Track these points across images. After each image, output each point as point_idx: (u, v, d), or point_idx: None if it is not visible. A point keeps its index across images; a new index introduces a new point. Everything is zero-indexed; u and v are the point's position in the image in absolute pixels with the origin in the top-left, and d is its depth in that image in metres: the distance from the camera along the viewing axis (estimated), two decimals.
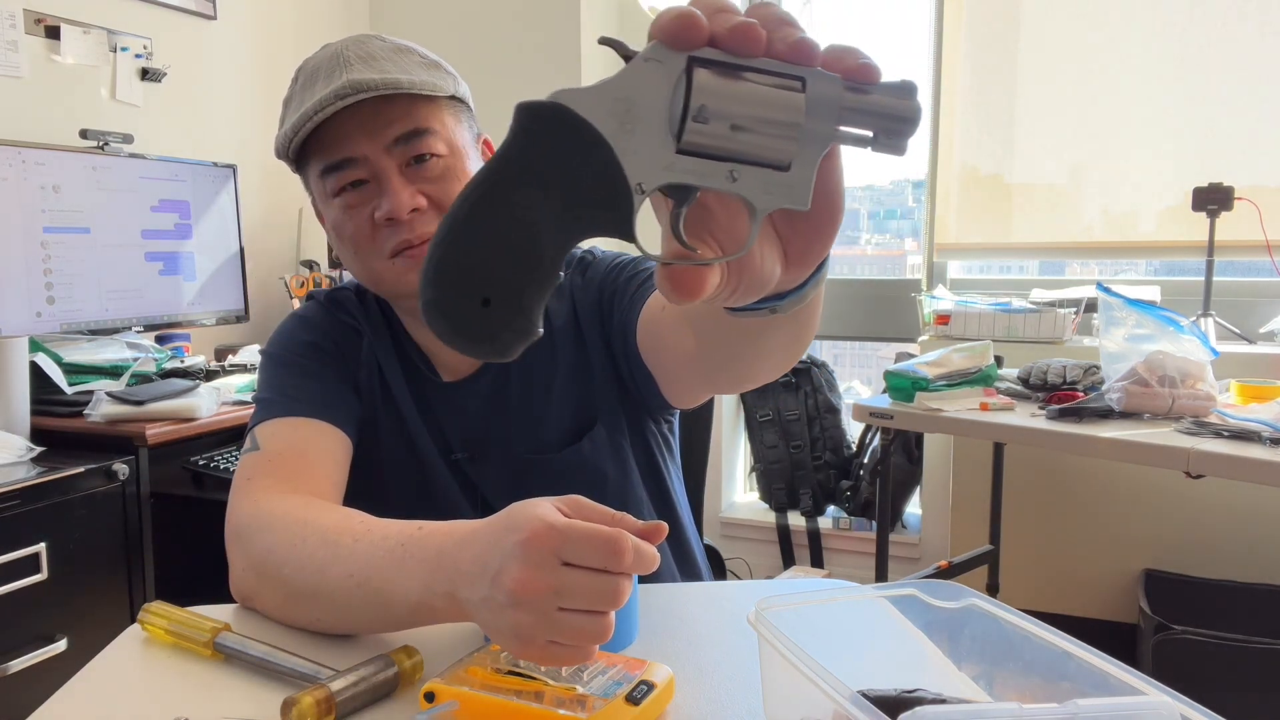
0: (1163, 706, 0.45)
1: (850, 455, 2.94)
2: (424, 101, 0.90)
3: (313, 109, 0.86)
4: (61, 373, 1.81)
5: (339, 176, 0.90)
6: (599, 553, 0.56)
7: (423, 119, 0.89)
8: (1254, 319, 2.49)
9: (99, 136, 2.13)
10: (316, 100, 0.86)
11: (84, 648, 1.53)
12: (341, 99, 0.85)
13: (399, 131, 0.88)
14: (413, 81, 0.87)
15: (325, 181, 0.91)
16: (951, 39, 2.76)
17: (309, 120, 0.86)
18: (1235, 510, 2.37)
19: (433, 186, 0.90)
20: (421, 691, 0.60)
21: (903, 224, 3.28)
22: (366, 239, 0.90)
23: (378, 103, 0.87)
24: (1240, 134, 2.48)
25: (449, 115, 0.93)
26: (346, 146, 0.88)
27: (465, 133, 0.95)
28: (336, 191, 0.90)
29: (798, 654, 0.51)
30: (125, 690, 0.67)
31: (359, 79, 0.85)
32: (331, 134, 0.88)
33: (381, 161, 0.88)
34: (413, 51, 0.93)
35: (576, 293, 1.01)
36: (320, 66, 0.90)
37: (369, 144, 0.88)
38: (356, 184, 0.90)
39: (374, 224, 0.89)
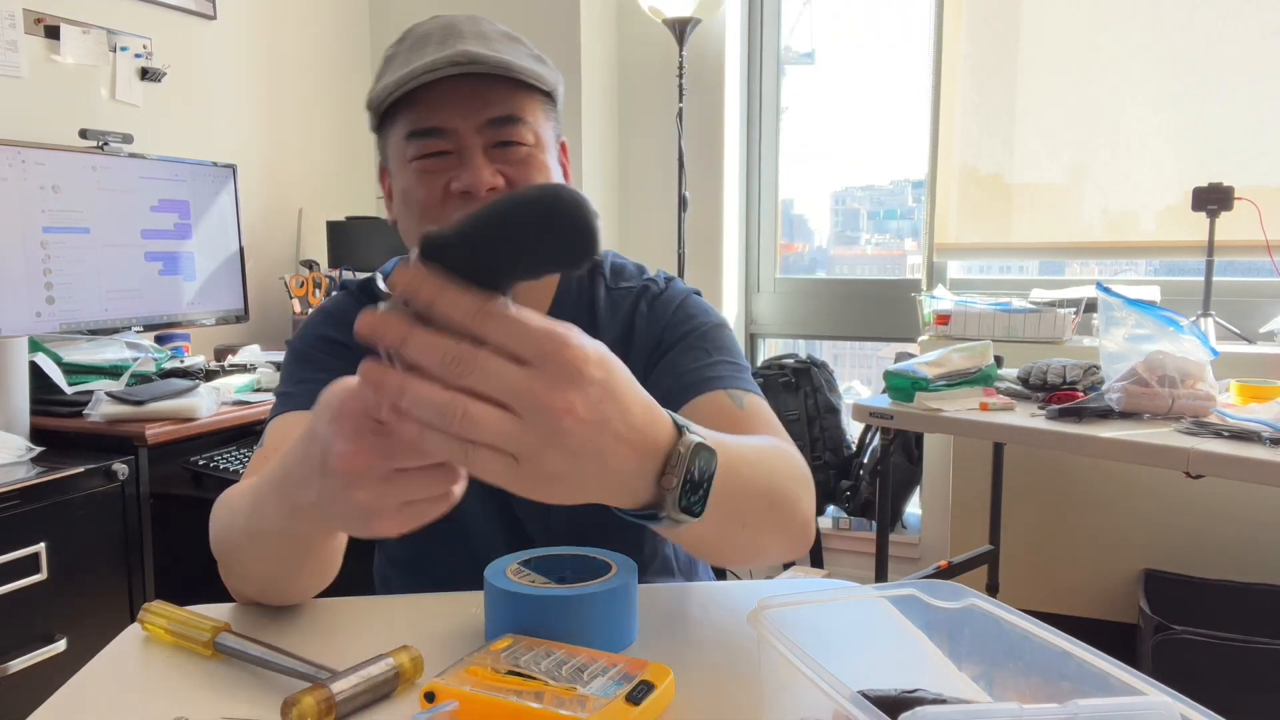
0: (1163, 706, 0.45)
1: (850, 455, 2.94)
2: (525, 90, 0.90)
3: (423, 68, 0.85)
4: (61, 373, 1.81)
5: (424, 144, 0.89)
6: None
7: (519, 107, 0.90)
8: (1254, 319, 2.49)
9: (99, 136, 2.13)
10: (427, 62, 0.85)
11: (84, 648, 1.53)
12: (455, 65, 0.84)
13: (496, 114, 0.88)
14: (523, 68, 0.87)
15: (408, 144, 0.90)
16: (951, 39, 2.76)
17: (416, 79, 0.86)
18: (1235, 510, 2.37)
19: (513, 170, 0.89)
20: (421, 691, 0.60)
21: (903, 224, 3.28)
22: (435, 207, 0.89)
23: (480, 81, 0.87)
24: (1240, 134, 2.48)
25: (542, 109, 0.93)
26: (440, 116, 0.88)
27: (551, 129, 0.95)
28: (416, 156, 0.90)
29: (798, 654, 0.51)
30: (125, 690, 0.67)
31: (474, 52, 0.85)
32: (429, 101, 0.88)
33: (470, 138, 0.88)
34: (522, 41, 0.94)
35: (638, 319, 1.00)
36: (432, 33, 0.90)
37: (463, 120, 0.88)
38: (438, 154, 0.89)
39: (446, 194, 0.89)
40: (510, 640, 0.67)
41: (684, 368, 0.94)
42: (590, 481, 0.52)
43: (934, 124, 2.79)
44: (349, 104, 3.05)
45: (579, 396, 0.49)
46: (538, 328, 0.48)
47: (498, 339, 0.47)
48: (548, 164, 0.92)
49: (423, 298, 0.47)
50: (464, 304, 0.47)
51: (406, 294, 0.47)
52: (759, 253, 3.17)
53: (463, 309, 0.47)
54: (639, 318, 1.00)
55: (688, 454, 0.56)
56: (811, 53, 3.14)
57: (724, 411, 0.88)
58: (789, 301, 3.15)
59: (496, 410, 0.47)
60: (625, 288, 1.02)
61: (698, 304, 1.02)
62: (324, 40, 2.93)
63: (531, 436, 0.48)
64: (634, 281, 1.03)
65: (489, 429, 0.47)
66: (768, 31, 3.08)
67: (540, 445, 0.48)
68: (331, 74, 2.97)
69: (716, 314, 1.02)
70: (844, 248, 3.37)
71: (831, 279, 3.19)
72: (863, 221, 3.35)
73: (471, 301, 0.47)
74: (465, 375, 0.47)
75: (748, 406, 0.89)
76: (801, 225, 3.37)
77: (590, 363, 0.49)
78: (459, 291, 0.47)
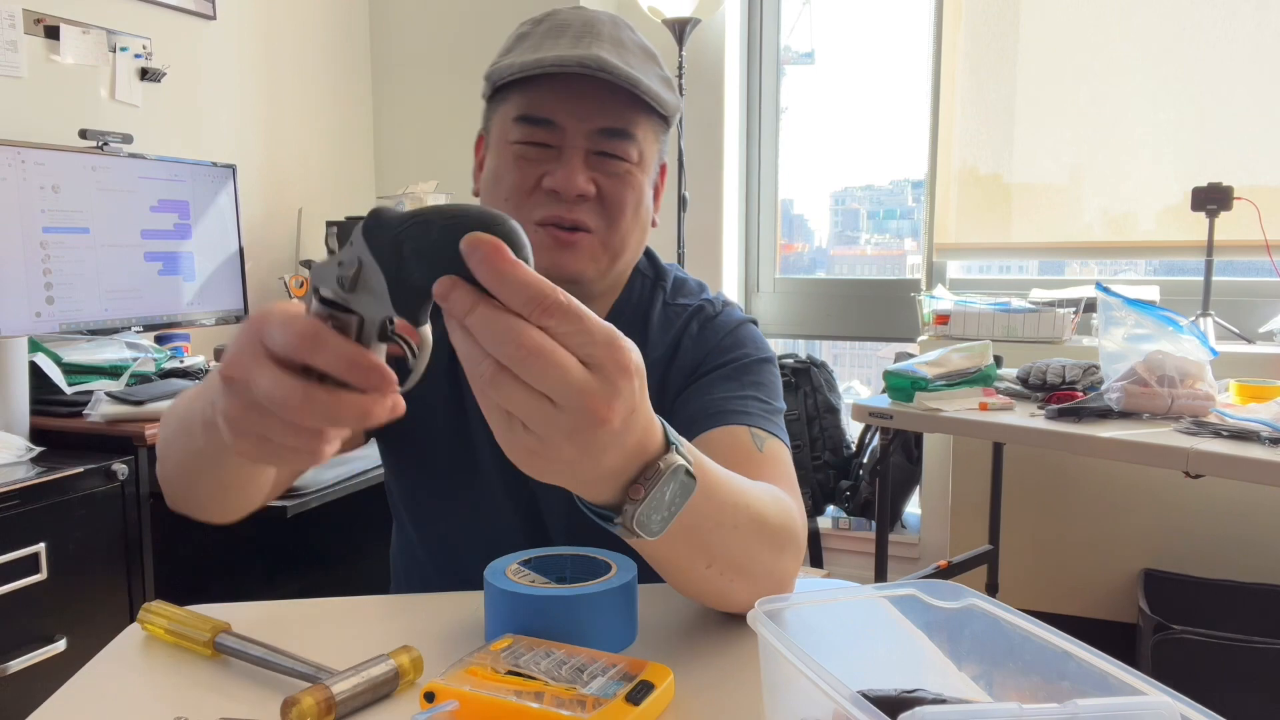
0: (1162, 706, 0.45)
1: (850, 455, 2.94)
2: (643, 108, 0.89)
3: (551, 61, 0.84)
4: (61, 373, 1.81)
5: (530, 131, 0.88)
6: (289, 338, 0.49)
7: (633, 123, 0.89)
8: (1253, 319, 2.49)
9: (98, 136, 2.13)
10: (556, 55, 0.84)
11: (83, 648, 1.53)
12: (584, 67, 0.83)
13: (608, 124, 0.88)
14: (648, 87, 0.86)
15: (514, 126, 0.89)
16: (951, 39, 2.76)
17: (541, 68, 0.85)
18: (1234, 510, 2.37)
19: (607, 181, 0.89)
20: (421, 691, 0.60)
21: (902, 224, 3.28)
22: (522, 195, 0.89)
23: (603, 87, 0.85)
24: (1240, 134, 2.48)
25: (654, 130, 0.92)
26: (554, 110, 0.87)
27: (657, 151, 0.95)
28: (519, 141, 0.89)
29: (798, 654, 0.51)
30: (125, 690, 0.67)
31: (606, 59, 0.84)
32: (546, 92, 0.87)
33: (576, 140, 0.87)
34: (656, 60, 0.93)
35: (686, 338, 0.99)
36: (571, 24, 0.89)
37: (574, 120, 0.87)
38: (540, 145, 0.88)
39: (537, 186, 0.88)
40: (510, 640, 0.67)
41: (715, 394, 0.93)
42: (579, 472, 0.53)
43: (933, 124, 2.79)
44: (349, 104, 3.05)
45: (619, 406, 0.49)
46: (603, 333, 0.48)
47: (561, 332, 0.47)
48: (643, 185, 0.92)
49: (489, 272, 0.45)
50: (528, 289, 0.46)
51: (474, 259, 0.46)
52: (759, 252, 3.17)
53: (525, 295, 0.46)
54: (687, 337, 0.99)
55: (666, 472, 0.55)
56: (811, 53, 3.14)
57: (741, 449, 0.86)
58: (789, 301, 3.15)
59: (540, 399, 0.47)
60: (681, 304, 1.02)
61: (749, 334, 1.01)
62: (324, 40, 2.93)
63: (561, 430, 0.48)
64: (691, 299, 1.02)
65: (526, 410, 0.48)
66: (767, 31, 3.08)
67: (563, 439, 0.49)
68: (331, 74, 2.97)
69: (766, 348, 1.00)
70: (844, 248, 3.37)
71: (831, 279, 3.19)
72: (862, 221, 3.35)
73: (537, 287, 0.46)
74: (524, 364, 0.46)
75: (766, 450, 0.87)
76: (801, 225, 3.37)
77: (635, 375, 0.50)
78: (526, 275, 0.46)
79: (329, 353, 0.49)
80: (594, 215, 0.89)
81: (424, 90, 3.07)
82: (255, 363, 0.50)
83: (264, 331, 0.50)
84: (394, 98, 3.11)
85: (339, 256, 0.50)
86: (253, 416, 0.51)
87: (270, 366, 0.49)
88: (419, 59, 3.06)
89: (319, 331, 0.49)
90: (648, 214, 0.95)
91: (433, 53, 3.04)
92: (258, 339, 0.50)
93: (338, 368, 0.49)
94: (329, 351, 0.49)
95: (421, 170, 3.04)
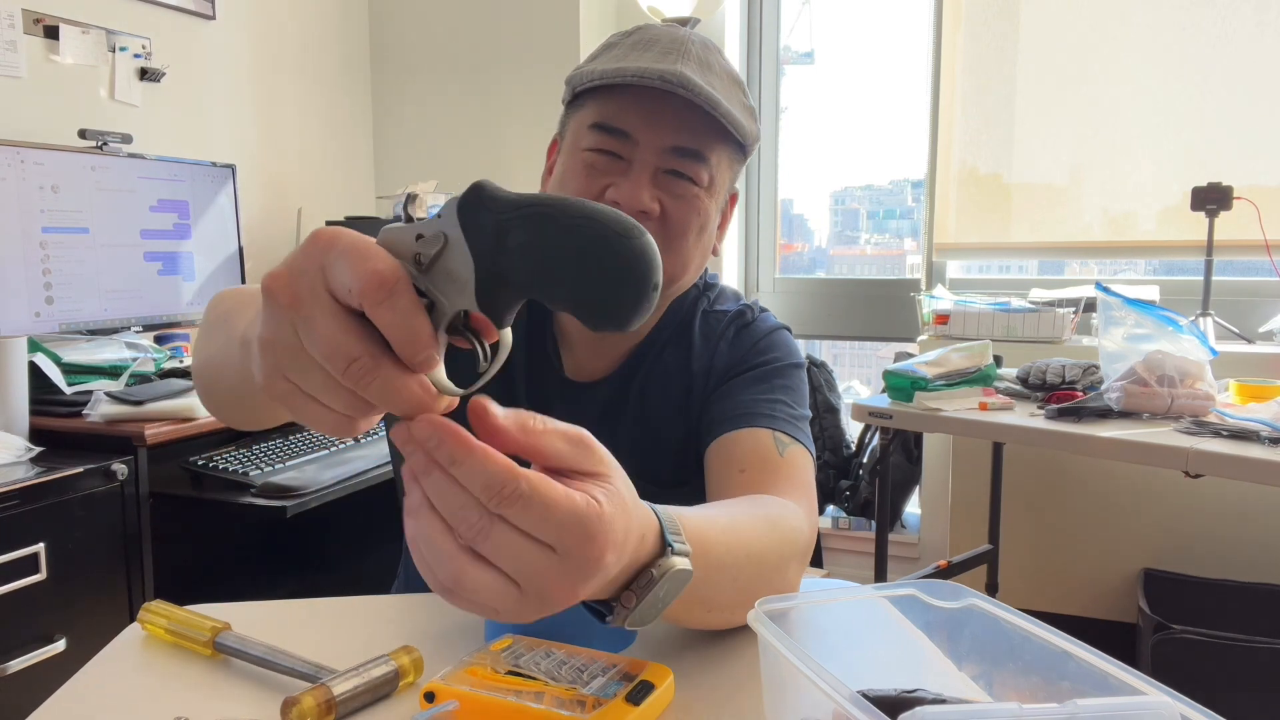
0: (1162, 706, 0.45)
1: (849, 455, 2.94)
2: (720, 133, 0.88)
3: (634, 72, 0.84)
4: (60, 373, 1.81)
5: (602, 140, 0.87)
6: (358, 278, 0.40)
7: (708, 146, 0.88)
8: (1253, 319, 2.49)
9: (98, 136, 2.13)
10: (641, 68, 0.84)
11: (83, 648, 1.53)
12: (665, 82, 0.83)
13: (682, 143, 0.87)
14: (727, 113, 0.86)
15: (588, 133, 0.88)
16: (950, 38, 2.76)
17: (623, 78, 0.84)
18: (1234, 510, 2.37)
19: (672, 202, 0.88)
20: (421, 691, 0.60)
21: (902, 224, 3.28)
22: None
23: (683, 106, 0.85)
24: (1239, 134, 2.48)
25: (728, 157, 0.92)
26: (630, 121, 0.86)
27: (727, 180, 0.93)
28: (590, 149, 0.88)
29: (798, 654, 0.51)
30: (125, 690, 0.67)
31: (691, 79, 0.83)
32: (625, 103, 0.87)
33: (647, 155, 0.87)
34: (741, 88, 0.92)
35: (722, 343, 0.99)
36: (660, 39, 0.89)
37: (649, 134, 0.86)
38: (611, 154, 0.88)
39: (599, 194, 0.87)
40: (510, 640, 0.67)
41: (743, 396, 0.93)
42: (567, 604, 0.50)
43: (933, 124, 2.79)
44: (349, 104, 3.05)
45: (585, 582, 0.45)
46: (564, 515, 0.43)
47: (517, 522, 0.43)
48: (709, 211, 0.90)
49: (442, 455, 0.42)
50: (484, 476, 0.42)
51: (426, 446, 0.42)
52: (758, 252, 3.17)
53: (482, 483, 0.42)
54: (723, 342, 0.99)
55: (660, 579, 0.53)
56: (811, 52, 3.14)
57: (763, 452, 0.86)
58: (788, 301, 3.15)
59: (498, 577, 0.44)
60: (720, 311, 1.02)
61: (781, 339, 1.01)
62: (323, 40, 2.93)
63: (525, 606, 0.45)
64: (729, 306, 1.02)
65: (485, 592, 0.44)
66: (767, 31, 3.08)
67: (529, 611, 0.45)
68: (331, 74, 2.97)
69: (798, 355, 1.00)
70: (843, 247, 3.37)
71: (831, 279, 3.19)
72: (862, 221, 3.35)
73: (494, 475, 0.42)
74: (478, 541, 0.43)
75: (787, 456, 0.87)
76: (801, 225, 3.37)
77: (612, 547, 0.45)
78: (482, 460, 0.42)
79: (397, 314, 0.41)
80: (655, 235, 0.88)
81: (424, 90, 3.07)
82: (313, 297, 0.42)
83: (328, 259, 0.42)
84: (394, 98, 3.11)
85: (419, 227, 0.43)
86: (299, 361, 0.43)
87: (332, 306, 0.41)
88: (419, 59, 3.06)
89: (400, 283, 0.41)
90: (710, 240, 0.94)
91: (433, 53, 3.04)
92: (320, 266, 0.42)
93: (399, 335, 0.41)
94: (398, 312, 0.41)
95: (421, 170, 3.04)
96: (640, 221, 0.88)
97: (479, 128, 3.02)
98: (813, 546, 0.80)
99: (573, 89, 0.91)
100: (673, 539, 0.55)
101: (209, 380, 0.75)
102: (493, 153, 3.01)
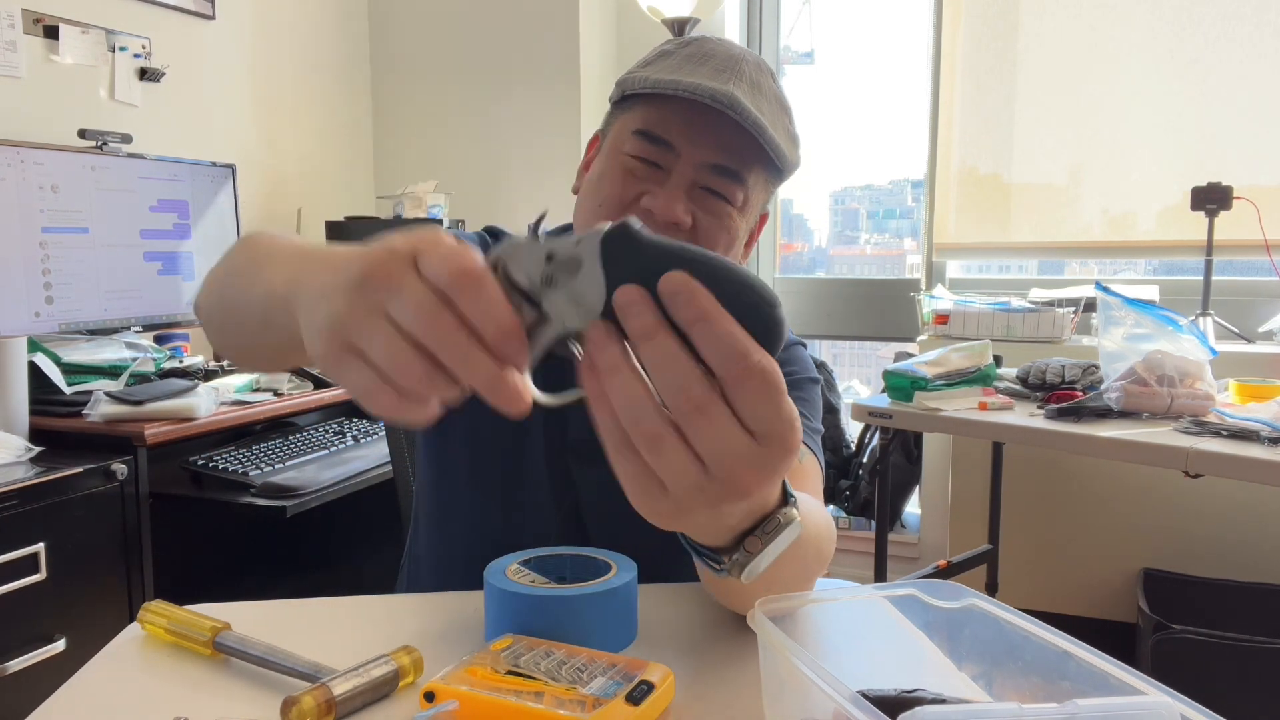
0: (1162, 706, 0.45)
1: (849, 455, 2.94)
2: (761, 157, 0.89)
3: (687, 87, 0.84)
4: (60, 373, 1.81)
5: (644, 147, 0.88)
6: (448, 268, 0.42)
7: (746, 167, 0.89)
8: (1252, 318, 2.49)
9: (97, 136, 2.13)
10: (694, 82, 0.84)
11: (83, 648, 1.53)
12: (715, 101, 0.83)
13: (722, 162, 0.88)
14: (771, 139, 0.86)
15: (630, 139, 0.89)
16: (950, 38, 2.76)
17: (674, 89, 0.85)
18: (1234, 510, 2.37)
19: (705, 218, 0.89)
20: (421, 691, 0.60)
21: (902, 224, 3.28)
22: (616, 208, 0.89)
23: (728, 125, 0.85)
24: (1239, 134, 2.48)
25: (765, 180, 0.92)
26: (674, 133, 0.87)
27: (760, 202, 0.95)
28: (631, 154, 0.89)
29: (798, 654, 0.51)
30: (125, 690, 0.67)
31: (741, 101, 0.84)
32: (673, 114, 0.87)
33: (686, 168, 0.87)
34: (788, 113, 0.93)
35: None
36: (715, 55, 0.89)
37: (691, 149, 0.87)
38: (650, 162, 0.89)
39: (634, 202, 0.88)
40: (510, 640, 0.67)
41: None
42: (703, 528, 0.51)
43: (933, 124, 2.79)
44: (349, 104, 3.05)
45: (768, 483, 0.45)
46: (787, 409, 0.43)
47: (747, 396, 0.42)
48: (739, 229, 0.91)
49: (690, 312, 0.41)
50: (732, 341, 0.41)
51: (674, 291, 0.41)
52: (758, 252, 3.17)
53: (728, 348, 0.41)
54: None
55: (786, 527, 0.54)
56: (811, 52, 3.14)
57: None
58: (788, 301, 3.15)
59: (691, 458, 0.43)
60: None
61: (799, 354, 1.03)
62: (323, 40, 2.93)
63: (704, 493, 0.44)
64: None
65: (675, 475, 0.43)
66: (767, 31, 3.08)
67: (701, 502, 0.45)
68: (331, 74, 2.97)
69: (813, 368, 1.03)
70: (843, 247, 3.37)
71: (831, 279, 3.19)
72: (862, 221, 3.35)
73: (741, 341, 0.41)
74: (690, 421, 0.42)
75: (803, 466, 0.88)
76: (801, 225, 3.37)
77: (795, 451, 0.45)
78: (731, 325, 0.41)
79: (483, 301, 0.42)
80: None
81: (424, 90, 3.07)
82: (406, 271, 0.43)
83: (420, 249, 0.44)
84: (394, 98, 3.11)
85: (551, 245, 0.44)
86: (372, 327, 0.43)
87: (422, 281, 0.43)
88: (419, 59, 3.06)
89: (484, 275, 0.42)
90: (736, 258, 0.95)
91: (433, 53, 3.04)
92: (411, 253, 0.44)
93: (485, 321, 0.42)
94: (483, 300, 0.42)
95: (421, 170, 3.04)
96: (671, 233, 0.89)
97: (479, 128, 3.02)
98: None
99: (623, 91, 0.92)
100: (792, 494, 0.55)
101: (222, 318, 0.74)
102: (493, 153, 3.01)
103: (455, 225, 2.74)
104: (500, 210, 3.00)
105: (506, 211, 2.99)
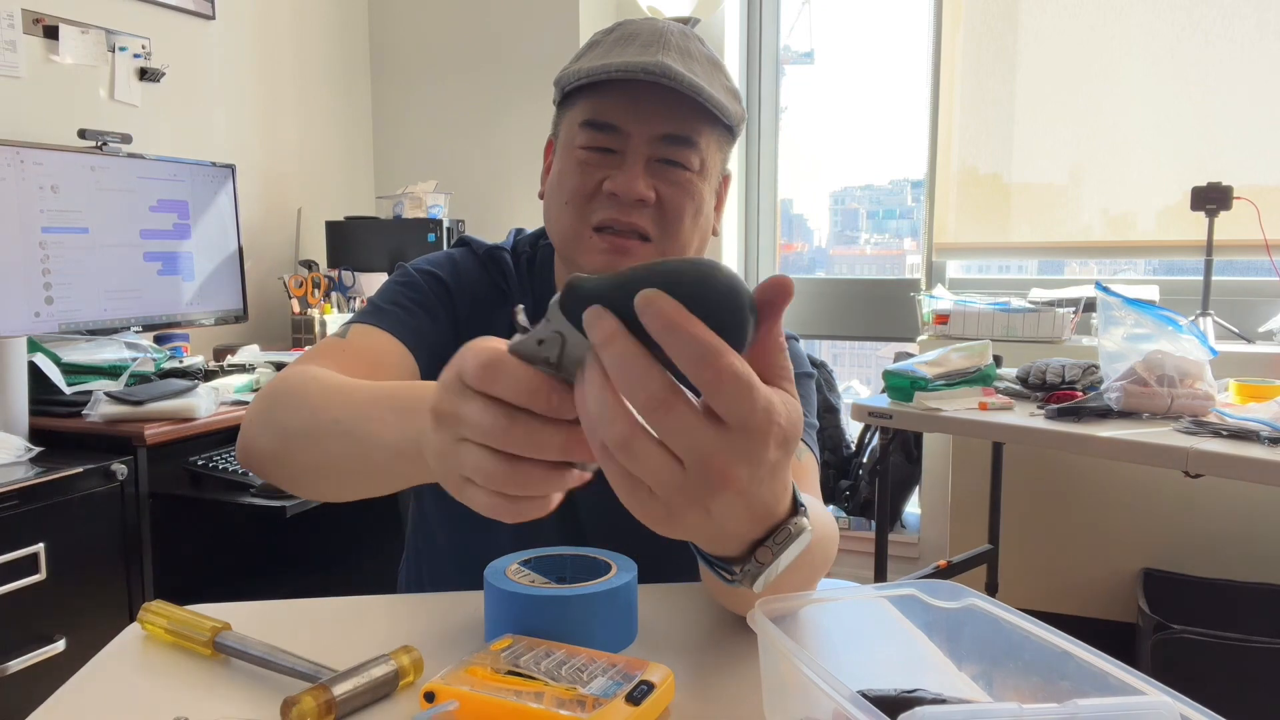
0: (1162, 706, 0.45)
1: (849, 455, 2.94)
2: (706, 116, 0.90)
3: (617, 67, 0.86)
4: (60, 373, 1.81)
5: (594, 136, 0.90)
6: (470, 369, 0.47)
7: (696, 130, 0.90)
8: (1252, 318, 2.49)
9: (97, 136, 2.13)
10: (624, 62, 0.86)
11: (83, 648, 1.53)
12: (648, 74, 0.85)
13: (671, 130, 0.89)
14: (711, 97, 0.87)
15: (579, 132, 0.90)
16: (950, 38, 2.77)
17: (606, 73, 0.86)
18: (1234, 510, 2.37)
19: (667, 189, 0.90)
20: (421, 691, 0.60)
21: (901, 224, 3.28)
22: (581, 200, 0.90)
23: (667, 95, 0.87)
24: (1239, 134, 2.48)
25: (716, 140, 0.93)
26: (617, 116, 0.89)
27: (718, 162, 0.95)
28: (582, 146, 0.90)
29: (798, 654, 0.51)
30: (125, 690, 0.67)
31: (672, 67, 0.85)
32: (611, 98, 0.89)
33: (638, 145, 0.89)
34: (722, 70, 0.94)
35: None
36: (640, 33, 0.91)
37: (637, 125, 0.88)
38: (603, 149, 0.90)
39: (598, 190, 0.89)
40: (510, 640, 0.67)
41: None
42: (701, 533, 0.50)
43: (933, 123, 2.79)
44: (348, 104, 3.05)
45: (750, 472, 0.45)
46: (761, 396, 0.43)
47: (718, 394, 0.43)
48: (703, 194, 0.92)
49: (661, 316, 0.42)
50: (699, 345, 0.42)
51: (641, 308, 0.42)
52: (758, 252, 3.17)
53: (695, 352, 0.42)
54: None
55: (797, 537, 0.53)
56: (810, 52, 3.14)
57: None
58: None
59: (665, 456, 0.44)
60: None
61: (794, 349, 1.03)
62: (323, 40, 2.93)
63: (686, 490, 0.45)
64: None
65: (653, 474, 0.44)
66: (767, 31, 3.08)
67: (685, 499, 0.45)
68: (330, 74, 2.97)
69: (807, 364, 1.02)
70: (843, 247, 3.37)
71: (831, 279, 3.19)
72: (862, 221, 3.35)
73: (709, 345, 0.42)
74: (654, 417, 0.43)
75: (800, 462, 0.88)
76: (801, 225, 3.37)
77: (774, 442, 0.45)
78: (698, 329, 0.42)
79: (507, 378, 0.46)
80: (652, 222, 0.90)
81: (424, 90, 3.07)
82: (460, 395, 0.48)
83: (461, 366, 0.48)
84: (394, 98, 3.11)
85: (536, 334, 0.47)
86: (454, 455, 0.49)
87: (474, 395, 0.47)
88: (419, 59, 3.06)
89: (501, 359, 0.46)
90: (708, 222, 0.96)
91: (432, 53, 3.04)
92: (457, 374, 0.48)
93: (517, 393, 0.46)
94: (507, 377, 0.46)
95: (420, 170, 3.04)
96: (637, 210, 0.89)
97: (478, 128, 3.02)
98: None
99: (561, 89, 0.93)
100: (802, 501, 0.55)
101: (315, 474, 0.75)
102: (492, 153, 3.01)
103: (455, 225, 2.74)
104: (500, 210, 3.00)
105: (506, 211, 2.99)
